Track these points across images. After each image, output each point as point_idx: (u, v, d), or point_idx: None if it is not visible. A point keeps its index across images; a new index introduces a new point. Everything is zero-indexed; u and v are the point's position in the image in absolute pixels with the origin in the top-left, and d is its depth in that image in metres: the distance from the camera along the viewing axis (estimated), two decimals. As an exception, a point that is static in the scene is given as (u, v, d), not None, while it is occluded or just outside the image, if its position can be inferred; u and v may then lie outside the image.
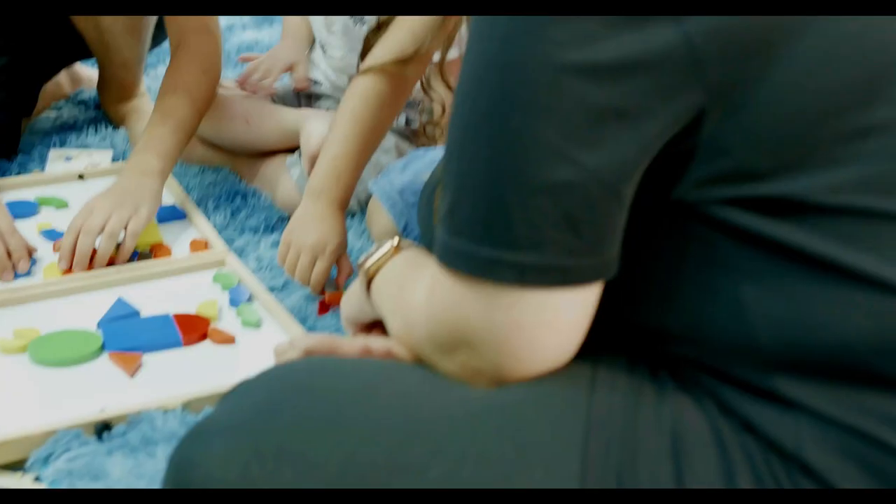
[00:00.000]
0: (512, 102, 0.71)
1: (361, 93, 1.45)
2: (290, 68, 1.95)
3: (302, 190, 1.68)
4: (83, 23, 1.94)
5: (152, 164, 1.63)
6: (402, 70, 1.41)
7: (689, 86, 0.69)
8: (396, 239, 0.95)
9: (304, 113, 1.79)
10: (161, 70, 2.35)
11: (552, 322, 0.73)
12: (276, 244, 1.62)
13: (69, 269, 1.51)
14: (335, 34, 1.83)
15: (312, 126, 1.68)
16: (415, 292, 0.83)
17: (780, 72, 0.70)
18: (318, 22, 1.87)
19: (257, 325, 1.40)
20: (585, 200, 0.70)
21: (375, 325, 0.99)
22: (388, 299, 0.91)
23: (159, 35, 2.07)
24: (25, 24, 1.94)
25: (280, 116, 1.83)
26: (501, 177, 0.71)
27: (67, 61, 2.16)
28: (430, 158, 1.53)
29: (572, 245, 0.71)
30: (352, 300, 1.02)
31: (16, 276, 1.52)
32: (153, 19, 2.00)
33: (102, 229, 1.51)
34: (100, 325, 1.39)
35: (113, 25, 1.93)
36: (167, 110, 1.70)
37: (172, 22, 1.80)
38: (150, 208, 1.57)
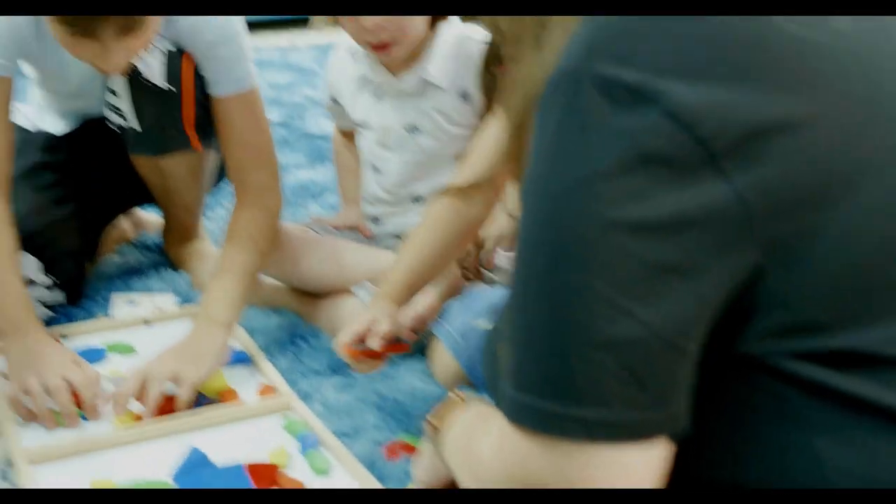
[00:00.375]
0: (567, 259, 0.71)
1: (431, 214, 1.51)
2: (355, 228, 2.02)
3: None
4: (146, 168, 1.99)
5: (220, 315, 1.65)
6: (470, 196, 1.45)
7: (743, 242, 0.69)
8: (462, 392, 0.96)
9: None
10: (219, 212, 2.41)
11: (624, 477, 0.72)
12: (340, 387, 1.64)
13: (133, 414, 1.52)
14: (390, 148, 1.87)
15: None
16: (482, 445, 0.83)
17: (834, 225, 0.70)
18: (369, 143, 1.91)
19: (326, 471, 1.40)
20: (647, 355, 0.70)
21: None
22: (455, 452, 0.92)
23: (217, 177, 2.12)
24: (90, 172, 2.00)
25: (374, 256, 1.87)
26: (562, 333, 0.71)
27: (129, 206, 2.20)
28: (487, 299, 1.55)
29: (637, 399, 0.70)
30: (423, 459, 1.03)
31: (83, 419, 1.53)
32: (213, 162, 2.04)
33: (167, 377, 1.53)
34: (175, 478, 1.39)
35: (175, 170, 1.98)
36: (233, 256, 1.73)
37: (231, 161, 1.82)
38: (213, 361, 1.60)
